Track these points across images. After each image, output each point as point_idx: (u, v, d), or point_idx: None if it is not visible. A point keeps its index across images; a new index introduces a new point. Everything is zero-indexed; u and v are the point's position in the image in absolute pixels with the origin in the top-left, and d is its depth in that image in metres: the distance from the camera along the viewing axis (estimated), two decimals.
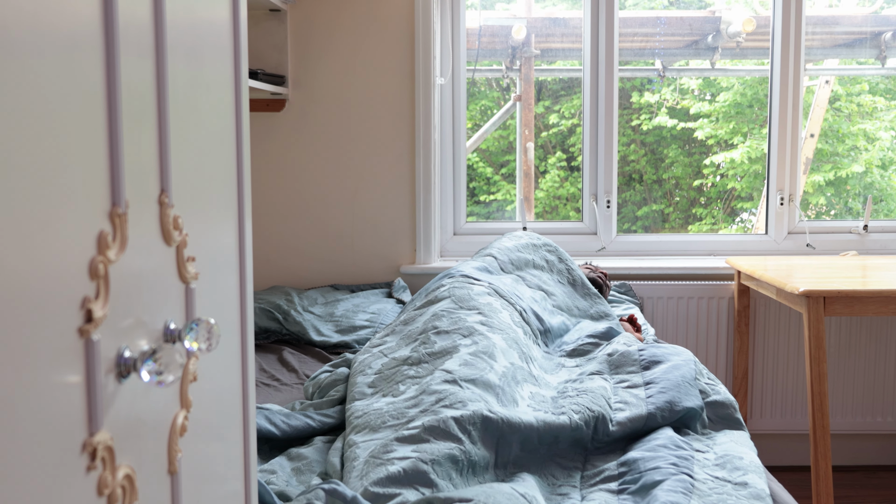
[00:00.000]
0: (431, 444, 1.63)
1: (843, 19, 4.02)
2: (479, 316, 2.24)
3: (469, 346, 2.04)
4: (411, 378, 1.97)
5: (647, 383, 2.02)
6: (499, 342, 2.10)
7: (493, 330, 2.17)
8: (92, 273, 0.68)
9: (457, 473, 1.59)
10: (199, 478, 0.92)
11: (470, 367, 1.92)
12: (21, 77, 0.58)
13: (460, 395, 1.79)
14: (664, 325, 3.37)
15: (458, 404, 1.75)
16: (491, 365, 1.96)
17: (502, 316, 2.30)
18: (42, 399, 0.61)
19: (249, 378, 1.09)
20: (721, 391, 2.06)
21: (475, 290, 2.42)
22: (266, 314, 2.95)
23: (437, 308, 2.31)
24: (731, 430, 1.94)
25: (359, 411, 1.87)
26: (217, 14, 1.01)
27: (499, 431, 1.70)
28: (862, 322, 3.40)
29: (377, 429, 1.76)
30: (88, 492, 0.67)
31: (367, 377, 2.05)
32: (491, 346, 2.06)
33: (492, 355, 2.01)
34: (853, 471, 3.41)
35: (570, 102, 4.95)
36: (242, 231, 1.08)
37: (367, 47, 3.35)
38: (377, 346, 2.26)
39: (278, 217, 3.41)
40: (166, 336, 0.83)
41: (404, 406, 1.82)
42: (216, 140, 1.00)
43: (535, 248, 2.93)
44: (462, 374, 1.89)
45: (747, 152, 4.63)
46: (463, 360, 1.95)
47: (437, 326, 2.19)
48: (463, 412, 1.71)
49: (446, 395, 1.80)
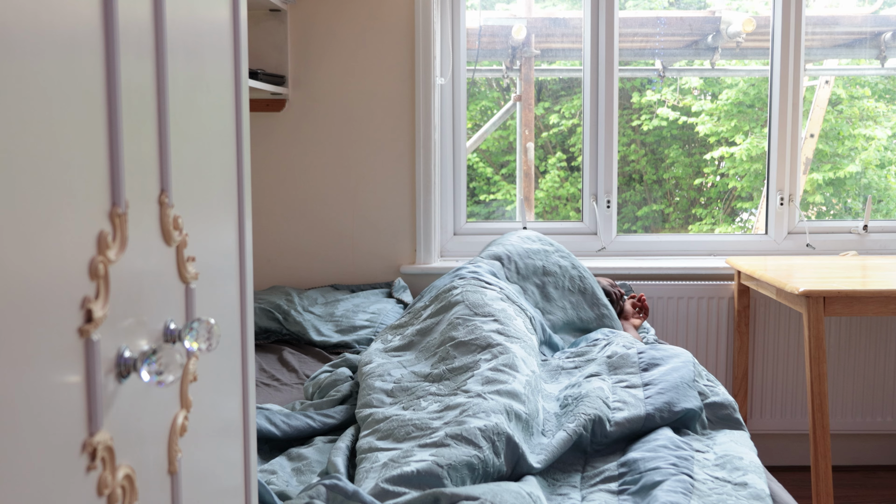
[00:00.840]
0: (451, 448, 1.62)
1: (842, 19, 4.02)
2: (495, 324, 2.23)
3: (490, 361, 2.03)
4: (433, 395, 1.95)
5: (645, 384, 2.02)
6: (518, 352, 2.09)
7: (511, 339, 2.16)
8: (92, 273, 0.68)
9: (471, 481, 1.59)
10: (199, 478, 0.92)
11: (491, 384, 1.91)
12: (21, 77, 0.58)
13: (484, 405, 1.78)
14: (664, 326, 3.37)
15: (482, 414, 1.74)
16: (514, 376, 1.96)
17: (517, 323, 2.29)
18: (42, 399, 0.61)
19: (249, 378, 1.09)
20: (720, 392, 2.06)
21: (488, 296, 2.40)
22: (266, 314, 2.94)
23: (452, 316, 2.29)
24: (731, 430, 1.94)
25: (379, 414, 1.85)
26: (217, 14, 1.01)
27: (518, 455, 1.69)
28: (862, 322, 3.40)
29: (401, 439, 1.74)
30: (88, 492, 0.67)
31: (385, 384, 2.03)
32: (512, 357, 2.04)
33: (514, 366, 2.00)
34: (853, 471, 3.41)
35: (570, 103, 4.95)
36: (242, 231, 1.08)
37: (368, 47, 3.35)
38: (395, 356, 2.22)
39: (278, 217, 3.41)
40: (166, 336, 0.83)
41: (428, 418, 1.80)
42: (216, 140, 1.00)
43: (546, 253, 2.90)
44: (485, 391, 1.88)
45: (747, 150, 4.63)
46: (485, 378, 1.94)
47: (454, 337, 2.17)
48: (486, 422, 1.70)
49: (470, 405, 1.79)
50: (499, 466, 1.64)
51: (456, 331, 2.20)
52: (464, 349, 2.11)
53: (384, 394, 1.98)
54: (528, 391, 1.91)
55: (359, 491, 1.44)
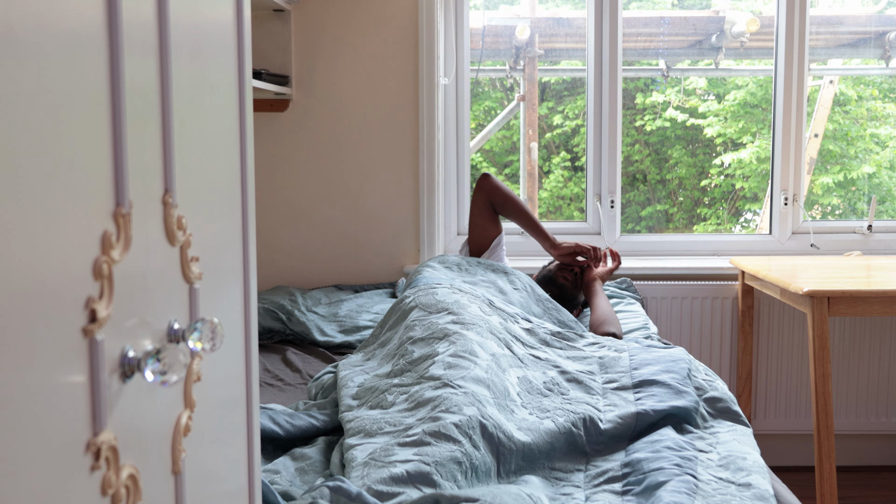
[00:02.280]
0: (432, 446, 1.62)
1: (847, 19, 4.02)
2: (449, 316, 2.23)
3: (448, 348, 2.04)
4: (396, 387, 1.95)
5: (636, 385, 2.02)
6: (474, 337, 2.10)
7: (467, 326, 2.16)
8: (96, 273, 0.68)
9: (461, 476, 1.59)
10: (202, 478, 0.92)
11: (455, 369, 1.92)
12: (25, 77, 0.58)
13: (455, 399, 1.79)
14: (668, 325, 3.36)
15: (455, 408, 1.75)
16: (474, 361, 1.96)
17: (472, 309, 2.29)
18: (46, 399, 0.61)
19: (253, 378, 1.09)
20: (719, 387, 2.07)
21: (440, 294, 2.39)
22: (270, 314, 2.95)
23: (408, 320, 2.29)
24: (733, 424, 1.94)
25: (349, 417, 1.86)
26: (221, 14, 1.01)
27: (497, 442, 1.70)
28: (866, 322, 3.40)
29: (374, 434, 1.75)
30: (92, 492, 0.67)
31: (350, 390, 2.03)
32: (468, 343, 2.05)
33: (472, 352, 2.01)
34: (857, 471, 3.41)
35: (574, 103, 4.95)
36: (246, 231, 1.08)
37: (371, 47, 3.35)
38: (358, 366, 2.23)
39: (282, 217, 3.41)
40: (170, 336, 0.83)
41: (400, 416, 1.81)
42: (220, 140, 1.00)
43: (477, 262, 2.84)
44: (449, 376, 1.89)
45: (756, 152, 4.62)
46: (446, 364, 1.95)
47: (411, 336, 2.18)
48: (461, 417, 1.71)
49: (441, 400, 1.79)
50: (482, 458, 1.65)
51: (413, 331, 2.20)
52: (422, 343, 2.12)
53: (350, 398, 1.98)
54: (491, 374, 1.92)
55: (362, 493, 1.44)
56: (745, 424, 1.96)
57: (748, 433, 1.92)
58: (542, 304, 2.72)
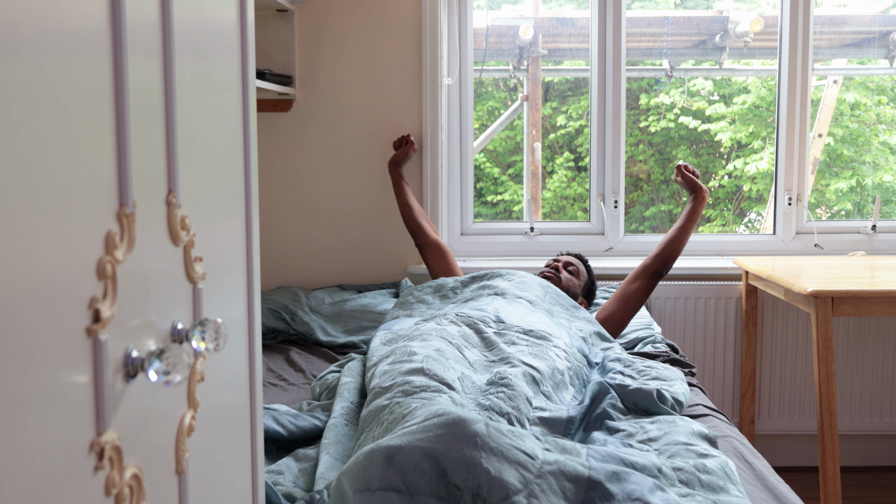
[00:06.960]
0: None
1: (851, 19, 4.01)
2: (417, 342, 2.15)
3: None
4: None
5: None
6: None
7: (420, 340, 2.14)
8: (100, 273, 0.68)
9: None
10: (206, 478, 0.92)
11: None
12: (29, 77, 0.58)
13: (509, 369, 1.97)
14: (672, 326, 3.36)
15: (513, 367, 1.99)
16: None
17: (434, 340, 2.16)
18: (50, 399, 0.61)
19: (257, 378, 1.09)
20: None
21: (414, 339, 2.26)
22: (273, 314, 2.95)
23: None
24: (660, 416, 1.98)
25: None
26: (224, 14, 1.01)
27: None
28: (870, 322, 3.39)
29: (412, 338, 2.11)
30: (96, 491, 0.67)
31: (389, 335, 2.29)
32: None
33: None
34: (861, 471, 3.40)
35: (578, 104, 4.95)
36: (250, 231, 1.08)
37: (375, 47, 3.35)
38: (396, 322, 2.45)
39: (286, 217, 3.41)
40: (174, 336, 0.83)
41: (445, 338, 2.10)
42: (224, 140, 1.00)
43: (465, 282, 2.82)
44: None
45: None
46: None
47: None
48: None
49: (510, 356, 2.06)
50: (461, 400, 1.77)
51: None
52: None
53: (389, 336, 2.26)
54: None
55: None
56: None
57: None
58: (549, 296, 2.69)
